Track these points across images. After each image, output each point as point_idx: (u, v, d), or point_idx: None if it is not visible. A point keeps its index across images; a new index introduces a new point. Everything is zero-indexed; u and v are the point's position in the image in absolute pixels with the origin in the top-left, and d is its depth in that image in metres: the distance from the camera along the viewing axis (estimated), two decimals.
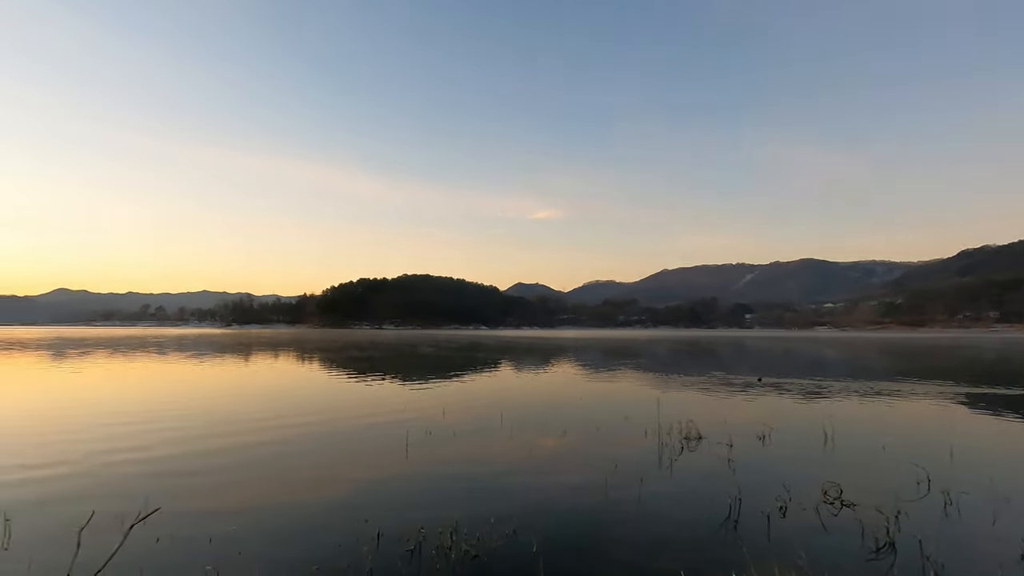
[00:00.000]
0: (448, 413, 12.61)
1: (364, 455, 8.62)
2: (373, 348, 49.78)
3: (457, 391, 17.39)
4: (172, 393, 16.84)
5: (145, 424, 11.22)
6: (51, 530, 5.28)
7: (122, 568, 4.38)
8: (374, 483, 7.08)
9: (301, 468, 7.82)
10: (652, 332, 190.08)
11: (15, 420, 11.74)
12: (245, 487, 6.85)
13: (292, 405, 14.24)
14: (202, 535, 5.23)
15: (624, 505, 6.31)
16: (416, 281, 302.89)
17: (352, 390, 17.71)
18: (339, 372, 24.89)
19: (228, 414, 12.65)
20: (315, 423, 11.51)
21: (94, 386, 18.53)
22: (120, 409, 13.32)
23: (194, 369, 25.73)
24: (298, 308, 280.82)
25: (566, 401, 15.21)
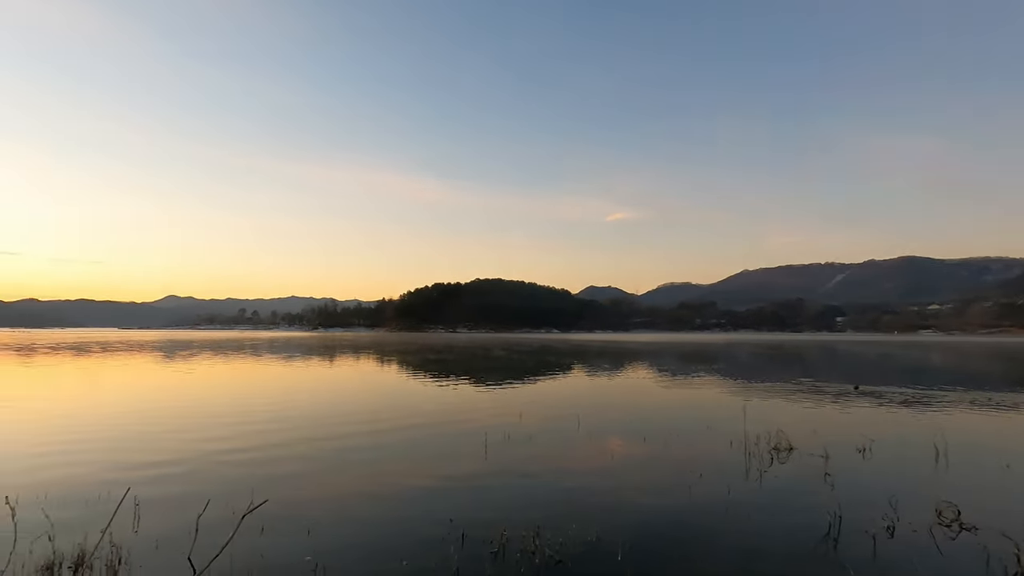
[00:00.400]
0: (524, 416, 12.69)
1: (445, 455, 8.85)
2: (447, 351, 51.04)
3: (532, 394, 17.46)
4: (270, 392, 18.10)
5: (248, 421, 12.13)
6: (173, 516, 5.83)
7: (234, 554, 4.76)
8: (456, 483, 7.26)
9: (387, 466, 8.15)
10: (732, 336, 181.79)
11: (139, 414, 13.07)
12: (338, 483, 7.24)
13: (376, 405, 14.88)
14: (301, 527, 5.58)
15: (711, 515, 6.08)
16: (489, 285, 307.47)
17: (430, 392, 18.24)
18: (417, 374, 25.71)
19: (320, 413, 13.41)
20: (398, 423, 11.96)
21: (202, 385, 20.27)
22: (226, 407, 14.49)
23: (287, 370, 27.51)
24: (377, 312, 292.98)
25: (643, 406, 14.87)
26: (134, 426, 11.45)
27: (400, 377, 24.52)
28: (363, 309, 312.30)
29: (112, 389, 18.82)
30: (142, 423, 11.82)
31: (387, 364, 33.05)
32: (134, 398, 16.35)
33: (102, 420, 12.26)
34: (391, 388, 19.87)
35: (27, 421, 12.10)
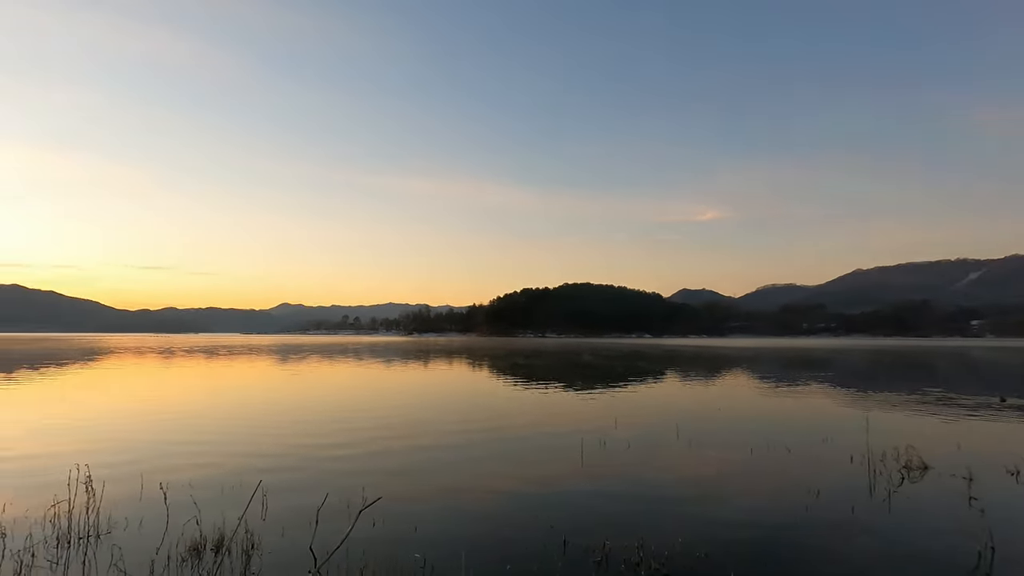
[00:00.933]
0: (620, 423, 12.43)
1: (542, 461, 8.87)
2: (536, 356, 51.27)
3: (625, 400, 17.07)
4: (374, 393, 19.16)
5: (357, 421, 12.92)
6: (295, 507, 6.31)
7: (350, 546, 5.06)
8: (553, 488, 7.24)
9: (485, 468, 8.31)
10: (843, 341, 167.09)
11: (263, 412, 14.35)
12: (440, 483, 7.49)
13: (470, 408, 15.25)
14: (408, 524, 5.82)
15: (833, 538, 5.59)
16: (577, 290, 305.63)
17: (522, 396, 18.40)
18: (507, 378, 26.05)
19: (419, 414, 13.98)
20: (492, 426, 12.17)
21: (314, 386, 21.87)
22: (336, 406, 15.54)
23: (387, 373, 28.98)
24: (468, 317, 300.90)
25: (747, 416, 14.03)
26: (259, 423, 12.58)
27: (491, 381, 24.97)
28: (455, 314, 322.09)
29: (239, 388, 20.81)
30: (266, 420, 12.96)
31: (478, 368, 33.80)
32: (258, 397, 17.96)
33: (232, 416, 13.60)
34: (483, 391, 20.28)
35: (172, 416, 13.68)
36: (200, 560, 4.85)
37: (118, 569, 4.56)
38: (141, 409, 14.95)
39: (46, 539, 5.29)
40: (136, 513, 6.05)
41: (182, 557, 4.89)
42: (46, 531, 5.45)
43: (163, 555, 4.91)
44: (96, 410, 14.70)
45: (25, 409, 14.74)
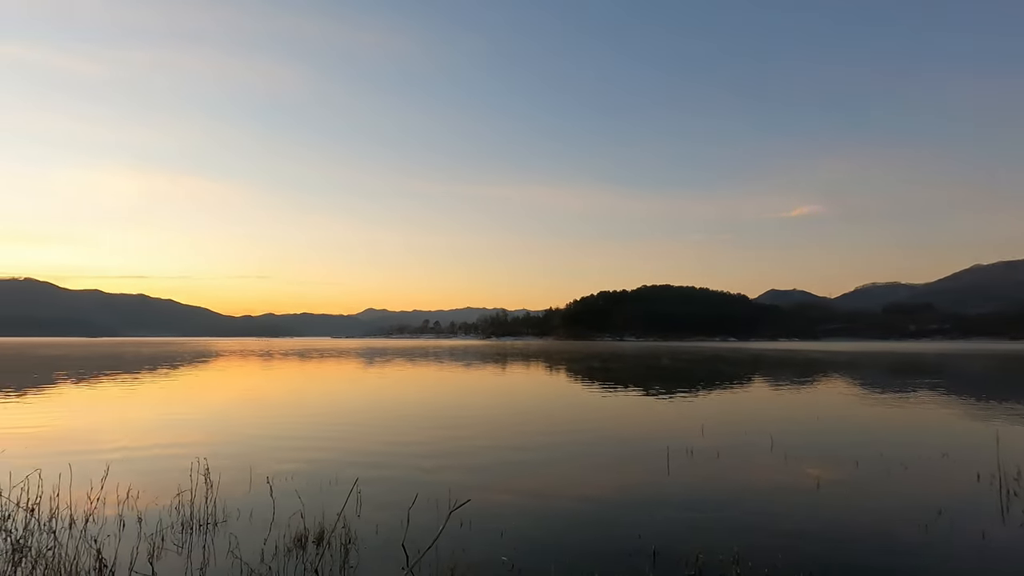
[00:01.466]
0: (707, 431, 11.92)
1: (626, 467, 8.68)
2: (615, 360, 50.36)
3: (711, 407, 16.36)
4: (458, 396, 19.64)
5: (442, 422, 13.30)
6: (387, 505, 6.58)
7: (440, 545, 5.20)
8: (639, 496, 7.06)
9: (569, 473, 8.25)
10: (959, 345, 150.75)
11: (355, 412, 15.12)
12: (525, 487, 7.52)
13: (552, 412, 15.23)
14: (495, 527, 5.89)
15: (961, 561, 5.02)
16: (656, 292, 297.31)
17: (602, 401, 18.13)
18: (587, 382, 25.77)
19: (502, 418, 14.16)
20: (574, 430, 12.08)
21: (401, 388, 22.75)
22: (422, 407, 16.08)
23: (468, 376, 29.60)
24: (545, 321, 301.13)
25: (849, 427, 12.98)
26: (352, 422, 13.26)
27: (570, 385, 24.81)
28: (531, 318, 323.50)
29: (332, 389, 22.07)
30: (358, 419, 13.65)
31: (556, 372, 33.70)
32: (349, 398, 18.96)
33: (327, 415, 14.44)
34: (563, 395, 20.18)
35: (274, 414, 14.73)
36: (304, 551, 5.17)
37: (234, 556, 4.95)
38: (247, 406, 16.23)
39: (172, 524, 5.85)
40: (247, 504, 6.55)
41: (288, 547, 5.22)
42: (172, 517, 6.03)
43: (271, 545, 5.27)
44: (209, 407, 16.15)
45: (150, 406, 16.45)
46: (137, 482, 7.30)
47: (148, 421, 13.38)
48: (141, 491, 6.93)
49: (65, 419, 13.69)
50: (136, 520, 5.95)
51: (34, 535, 5.32)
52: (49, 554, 4.63)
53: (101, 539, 5.26)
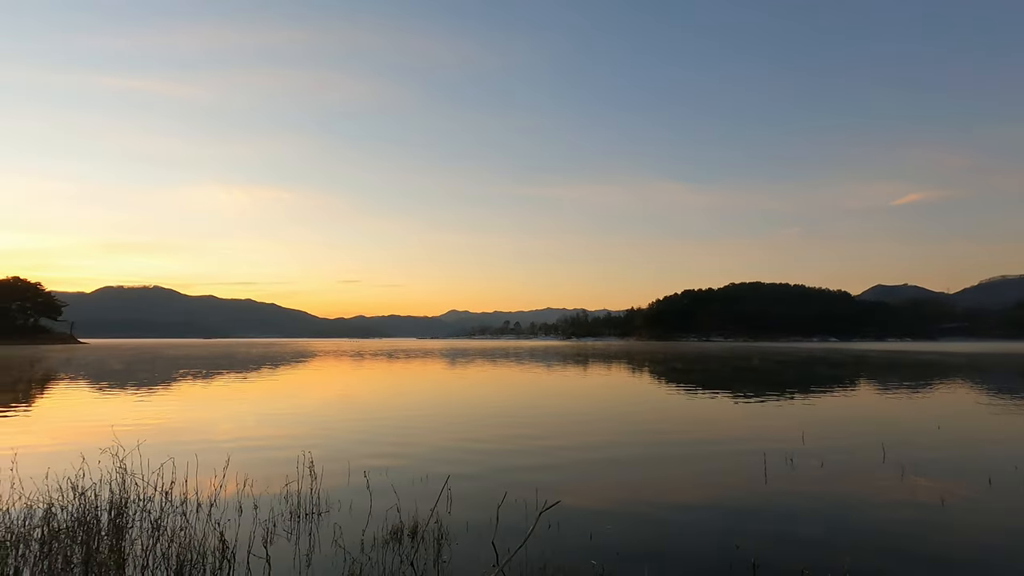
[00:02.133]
0: (808, 438, 11.14)
1: (719, 474, 8.31)
2: (701, 361, 48.34)
3: (811, 412, 15.26)
4: (542, 396, 19.72)
5: (528, 422, 13.41)
6: (477, 503, 6.72)
7: (529, 545, 5.24)
8: (735, 506, 6.72)
9: (659, 478, 8.02)
10: None
11: (444, 410, 15.61)
12: (614, 490, 7.41)
13: (641, 414, 14.89)
14: (584, 530, 5.84)
15: None
16: (745, 290, 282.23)
17: (692, 403, 17.47)
18: (673, 384, 24.94)
19: (587, 419, 14.04)
20: (662, 434, 11.74)
21: (484, 387, 23.19)
22: (509, 406, 16.30)
23: (551, 377, 29.63)
24: (627, 321, 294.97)
25: (977, 437, 11.63)
26: (441, 419, 13.71)
27: (656, 386, 24.12)
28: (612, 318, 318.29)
29: (421, 388, 22.92)
30: (447, 417, 14.08)
31: (640, 373, 32.90)
32: (438, 396, 19.61)
33: (417, 412, 15.02)
34: (649, 397, 19.66)
35: (368, 410, 15.53)
36: (400, 544, 5.40)
37: (338, 545, 5.27)
38: (342, 403, 17.22)
39: (282, 512, 6.32)
40: (346, 496, 6.95)
41: (385, 540, 5.48)
42: (282, 505, 6.52)
43: (369, 536, 5.55)
44: (310, 403, 17.31)
45: (259, 401, 17.90)
46: (251, 471, 7.97)
47: (258, 415, 14.57)
48: (255, 480, 7.55)
49: (191, 412, 15.24)
50: (252, 506, 6.49)
51: (168, 516, 5.95)
52: (181, 534, 5.16)
53: (223, 522, 5.79)
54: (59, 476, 6.19)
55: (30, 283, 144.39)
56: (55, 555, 4.66)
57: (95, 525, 5.16)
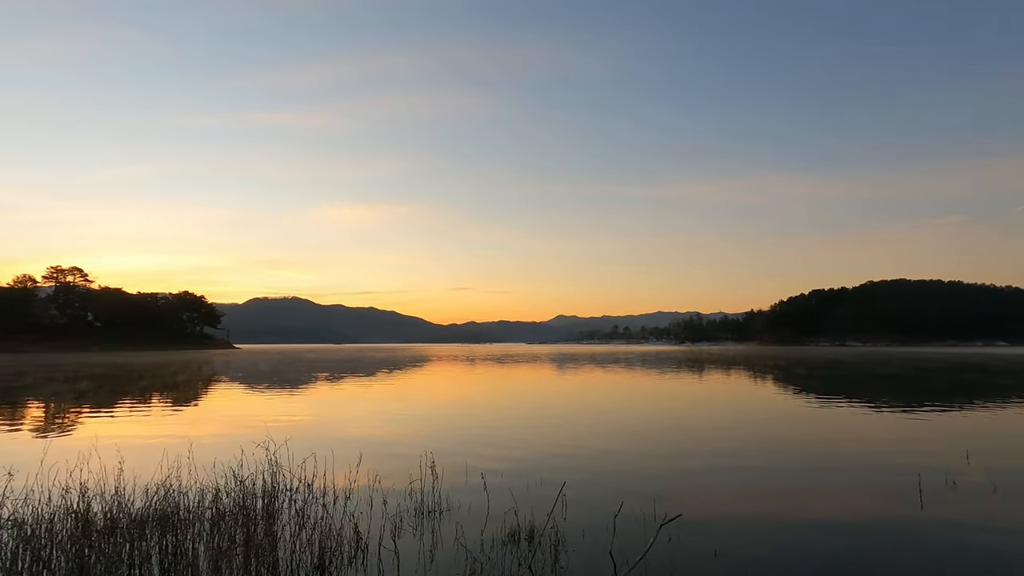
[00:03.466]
0: (974, 458, 9.67)
1: (864, 495, 7.48)
2: (835, 367, 43.91)
3: (978, 429, 13.24)
4: (657, 403, 19.13)
5: (644, 430, 13.09)
6: (593, 510, 6.66)
7: (648, 560, 5.08)
8: (885, 531, 6.01)
9: (798, 496, 7.41)
10: None
11: (557, 414, 15.70)
12: (746, 507, 6.97)
13: (768, 425, 13.91)
14: (708, 546, 5.55)
15: None
16: (886, 288, 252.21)
17: (826, 414, 15.94)
18: (802, 393, 22.92)
19: (713, 429, 13.39)
20: (797, 447, 10.86)
21: (597, 392, 22.96)
22: (622, 414, 16.02)
23: (666, 383, 28.60)
24: (746, 324, 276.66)
25: None
26: (556, 424, 13.81)
27: (783, 395, 22.32)
28: (729, 322, 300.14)
29: (533, 391, 23.24)
30: (562, 422, 14.16)
31: (763, 380, 30.63)
32: (552, 400, 19.77)
33: (531, 416, 15.24)
34: (775, 406, 18.25)
35: (483, 412, 16.03)
36: (517, 546, 5.49)
37: (459, 544, 5.48)
38: (459, 405, 17.96)
39: (408, 509, 6.71)
40: (465, 496, 7.21)
41: (503, 541, 5.61)
42: (408, 502, 6.92)
43: (488, 536, 5.71)
44: (429, 404, 18.27)
45: (384, 401, 19.21)
46: (379, 468, 8.56)
47: (383, 415, 15.65)
48: (382, 476, 8.10)
49: (327, 411, 16.79)
50: (381, 501, 6.97)
51: (310, 506, 6.55)
52: (322, 523, 5.66)
53: (356, 514, 6.27)
54: (223, 465, 7.08)
55: (196, 296, 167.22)
56: (222, 534, 5.33)
57: (252, 510, 5.83)
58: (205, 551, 5.13)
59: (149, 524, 5.30)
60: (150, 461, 7.83)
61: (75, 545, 4.87)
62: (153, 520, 5.37)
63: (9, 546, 4.96)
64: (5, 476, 5.93)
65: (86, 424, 14.52)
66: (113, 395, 23.13)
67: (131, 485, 6.09)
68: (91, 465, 6.61)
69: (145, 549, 5.02)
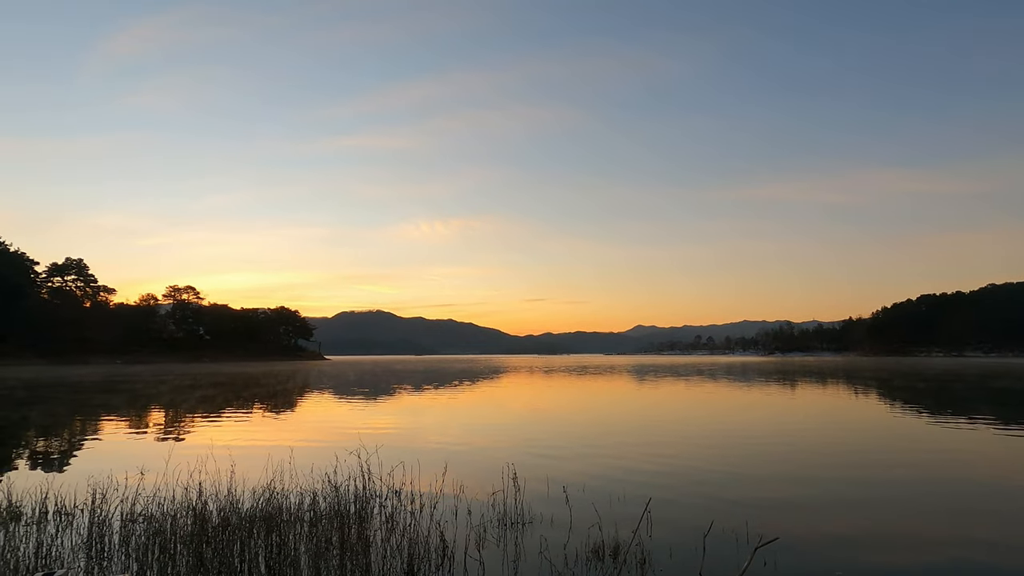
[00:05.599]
0: None
1: (980, 522, 6.69)
2: (954, 381, 39.54)
3: None
4: (749, 417, 18.20)
5: (734, 444, 12.48)
6: (681, 529, 6.43)
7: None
8: (1009, 564, 5.33)
9: (903, 521, 6.76)
10: None
11: (640, 428, 15.33)
12: (847, 532, 6.46)
13: (872, 443, 12.85)
14: (807, 573, 5.19)
15: None
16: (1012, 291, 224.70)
17: (940, 433, 14.47)
18: (914, 408, 20.86)
19: (810, 447, 12.58)
20: (904, 468, 9.93)
21: (682, 405, 22.18)
22: (710, 428, 15.37)
23: (757, 395, 27.11)
24: (844, 333, 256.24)
25: None
26: (640, 437, 13.50)
27: (894, 410, 20.44)
28: (824, 330, 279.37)
29: (613, 403, 22.85)
30: (646, 435, 13.82)
31: (866, 393, 28.19)
32: (634, 412, 19.34)
33: (613, 428, 14.99)
34: (881, 423, 16.76)
35: (563, 423, 15.95)
36: (602, 562, 5.40)
37: (543, 557, 5.47)
38: (538, 416, 17.98)
39: (491, 519, 6.79)
40: (547, 509, 7.19)
41: (587, 557, 5.54)
42: (491, 512, 7.00)
43: (571, 551, 5.66)
44: (509, 415, 18.44)
45: (464, 411, 19.62)
46: (463, 476, 8.74)
47: (465, 425, 16.00)
48: (466, 485, 8.27)
49: (413, 420, 17.44)
50: (466, 511, 7.11)
51: (399, 512, 6.81)
52: (410, 529, 5.87)
53: (442, 523, 6.42)
54: (319, 470, 7.53)
55: (291, 311, 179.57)
56: (320, 536, 5.67)
57: (346, 515, 6.15)
58: (305, 551, 5.47)
59: (256, 523, 5.73)
60: (256, 465, 8.47)
61: (194, 540, 5.37)
62: (259, 520, 5.80)
63: (141, 539, 5.55)
64: (138, 475, 6.67)
65: (204, 429, 16.01)
66: (227, 402, 25.37)
67: (241, 487, 6.62)
68: (207, 467, 7.27)
69: (253, 547, 5.43)
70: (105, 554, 5.50)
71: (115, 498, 6.31)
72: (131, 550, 5.47)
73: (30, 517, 6.44)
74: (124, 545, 5.57)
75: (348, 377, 50.91)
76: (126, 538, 5.64)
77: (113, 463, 9.04)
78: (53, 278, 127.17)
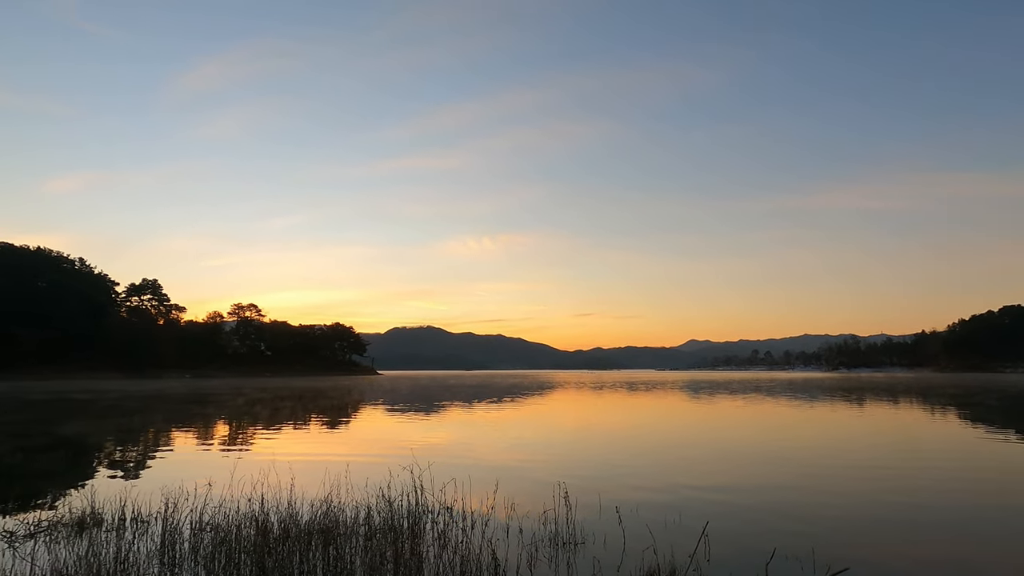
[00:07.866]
0: None
1: None
2: None
3: None
4: (814, 438, 17.32)
5: (799, 468, 11.91)
6: (740, 555, 6.15)
7: None
8: None
9: (987, 549, 6.23)
10: None
11: (697, 447, 14.85)
12: (926, 561, 6.02)
13: (951, 465, 11.93)
14: None
15: None
16: None
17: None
18: (999, 430, 19.23)
19: (883, 469, 11.84)
20: (987, 493, 9.15)
21: (743, 424, 21.35)
22: (773, 450, 14.72)
23: (819, 415, 25.79)
24: (916, 348, 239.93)
25: None
26: (698, 457, 13.08)
27: (977, 431, 18.92)
28: (894, 345, 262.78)
29: (668, 421, 22.22)
30: (706, 457, 13.39)
31: (947, 412, 26.24)
32: (689, 430, 18.76)
33: (669, 447, 14.58)
34: (967, 444, 15.56)
35: (616, 441, 15.64)
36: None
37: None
38: (590, 433, 17.73)
39: (543, 538, 6.71)
40: (600, 529, 7.04)
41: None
42: (542, 531, 6.92)
43: (625, 573, 5.51)
44: (560, 431, 18.28)
45: (514, 427, 19.57)
46: (515, 494, 8.70)
47: (516, 440, 15.95)
48: (517, 503, 8.22)
49: (464, 435, 17.58)
50: (517, 529, 7.06)
51: (451, 529, 6.84)
52: (462, 547, 5.89)
53: (494, 541, 6.41)
54: (374, 485, 7.68)
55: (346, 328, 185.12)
56: (374, 551, 5.76)
57: (399, 530, 6.24)
58: (360, 564, 5.57)
59: (314, 536, 5.90)
60: (314, 478, 8.74)
61: (257, 551, 5.58)
62: (317, 532, 5.97)
63: (208, 548, 5.82)
64: (206, 486, 7.01)
65: (267, 441, 16.71)
66: (289, 415, 26.37)
67: (300, 499, 6.85)
68: (269, 479, 7.57)
69: (311, 559, 5.59)
70: (176, 561, 5.79)
71: (185, 507, 6.65)
72: (199, 558, 5.74)
73: (110, 524, 6.88)
74: (193, 553, 5.85)
75: (402, 392, 51.87)
76: (195, 546, 5.92)
77: (184, 472, 9.56)
78: (131, 297, 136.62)
